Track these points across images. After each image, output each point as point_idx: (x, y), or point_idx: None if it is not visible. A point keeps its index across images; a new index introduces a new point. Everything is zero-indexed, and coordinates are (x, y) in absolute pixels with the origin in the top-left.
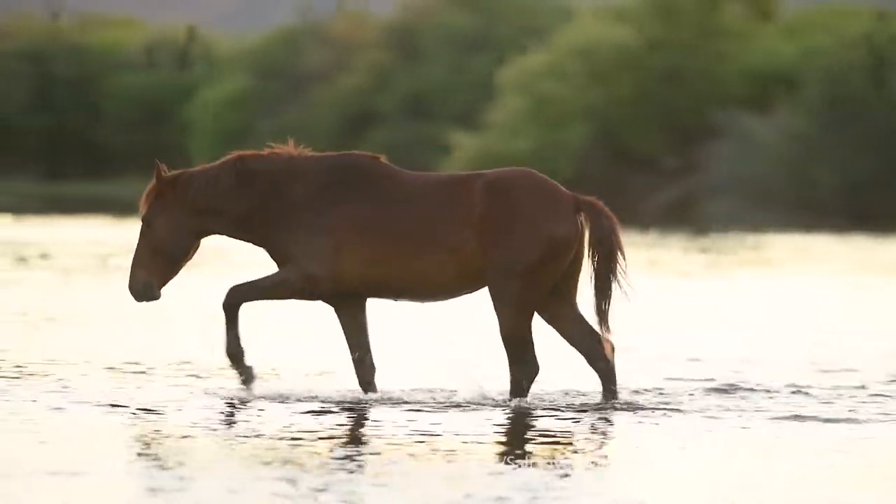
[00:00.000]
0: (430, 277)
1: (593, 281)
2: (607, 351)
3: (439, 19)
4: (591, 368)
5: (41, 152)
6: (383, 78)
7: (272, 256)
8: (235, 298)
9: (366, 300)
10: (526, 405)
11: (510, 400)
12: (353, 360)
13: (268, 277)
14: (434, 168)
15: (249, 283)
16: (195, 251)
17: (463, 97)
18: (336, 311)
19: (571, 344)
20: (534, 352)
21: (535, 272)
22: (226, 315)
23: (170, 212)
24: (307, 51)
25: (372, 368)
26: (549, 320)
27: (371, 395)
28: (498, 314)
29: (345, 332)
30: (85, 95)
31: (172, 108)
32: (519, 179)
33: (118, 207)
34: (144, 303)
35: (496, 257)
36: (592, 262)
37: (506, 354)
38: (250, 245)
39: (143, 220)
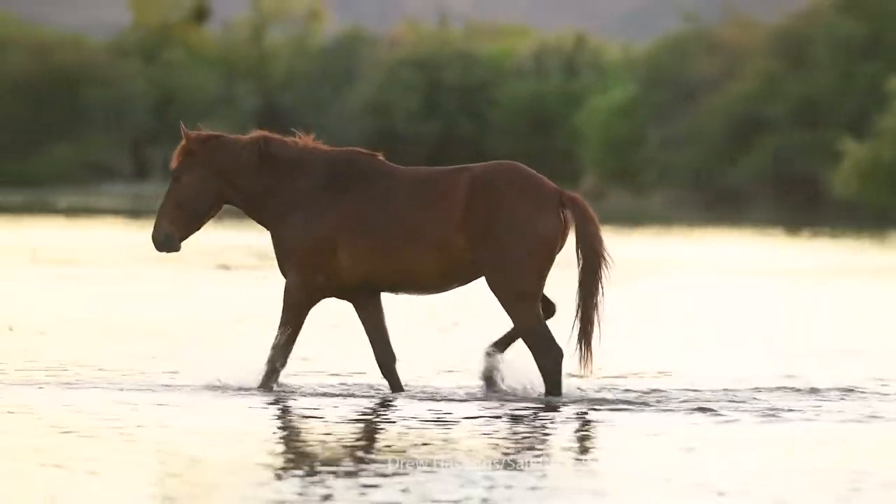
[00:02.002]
0: (418, 272)
1: (579, 283)
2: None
3: (827, 26)
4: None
5: (430, 160)
6: (772, 85)
7: (273, 242)
8: (276, 355)
9: (378, 295)
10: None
11: (546, 391)
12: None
13: (283, 312)
14: (824, 175)
15: (278, 330)
16: (216, 212)
17: (853, 104)
18: (354, 307)
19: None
20: (552, 337)
21: (524, 264)
22: (267, 371)
23: (196, 170)
24: (696, 58)
25: (393, 357)
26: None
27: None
28: (506, 310)
29: (364, 326)
30: (473, 103)
31: (560, 115)
32: (503, 174)
33: None
34: (165, 253)
35: (485, 255)
36: (578, 263)
37: (528, 347)
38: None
39: (172, 175)
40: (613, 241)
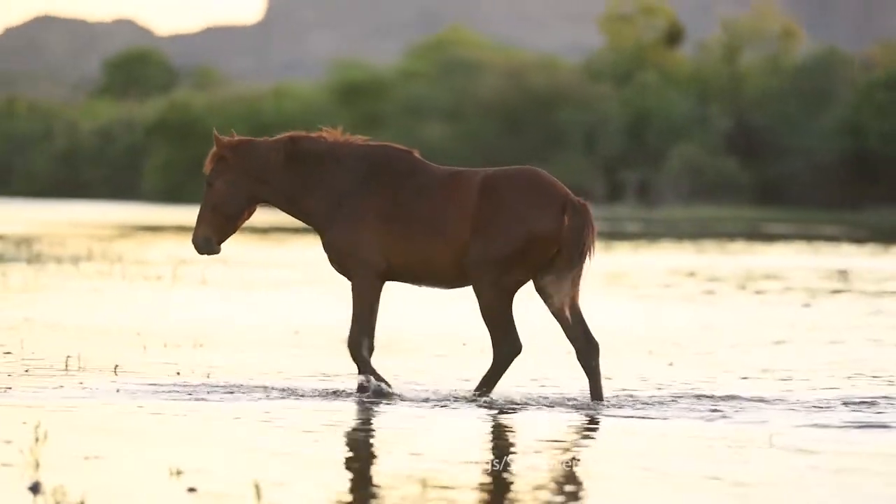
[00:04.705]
0: (434, 265)
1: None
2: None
3: None
4: (581, 365)
5: None
6: None
7: (316, 230)
8: (354, 344)
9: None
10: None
11: (482, 381)
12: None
13: (354, 306)
14: None
15: (352, 324)
16: (250, 214)
17: None
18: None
19: (568, 338)
20: (516, 332)
21: (509, 261)
22: (356, 363)
23: (228, 175)
24: None
25: (370, 349)
26: (553, 313)
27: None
28: (477, 296)
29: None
30: None
31: None
32: (513, 177)
33: None
34: (206, 256)
35: (476, 245)
36: (562, 256)
37: (489, 334)
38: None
39: (206, 180)
40: None
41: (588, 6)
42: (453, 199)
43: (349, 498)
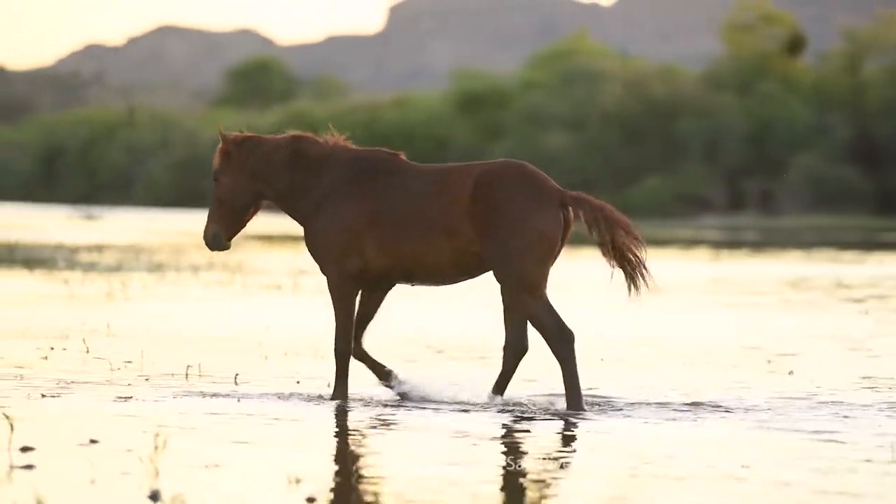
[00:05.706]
0: (430, 260)
1: (621, 272)
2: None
3: None
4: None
5: None
6: None
7: (305, 237)
8: (339, 346)
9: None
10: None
11: (565, 385)
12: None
13: (335, 313)
14: None
15: (335, 330)
16: (256, 210)
17: None
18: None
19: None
20: (562, 321)
21: (526, 255)
22: (336, 370)
23: (233, 171)
24: None
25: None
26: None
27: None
28: (511, 301)
29: (360, 310)
30: None
31: None
32: (506, 171)
33: None
34: (216, 251)
35: (490, 248)
36: (606, 254)
37: (539, 334)
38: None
39: (213, 176)
40: None
41: (708, 15)
42: (446, 193)
43: None
